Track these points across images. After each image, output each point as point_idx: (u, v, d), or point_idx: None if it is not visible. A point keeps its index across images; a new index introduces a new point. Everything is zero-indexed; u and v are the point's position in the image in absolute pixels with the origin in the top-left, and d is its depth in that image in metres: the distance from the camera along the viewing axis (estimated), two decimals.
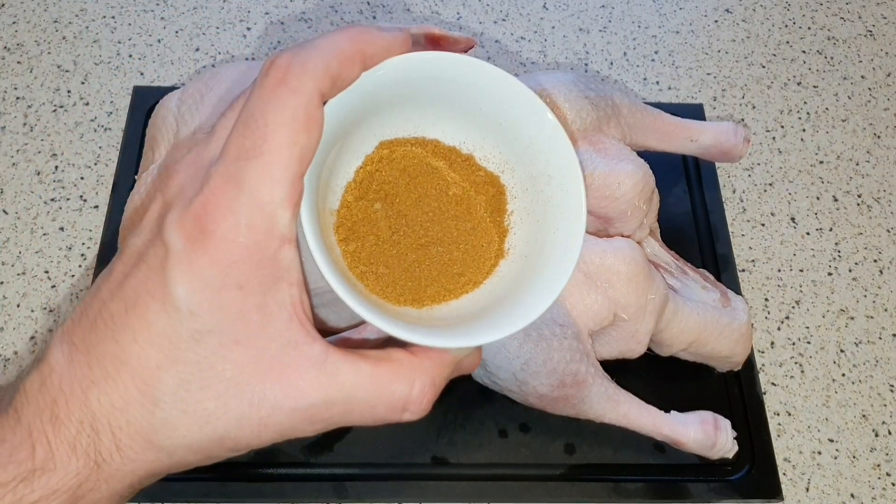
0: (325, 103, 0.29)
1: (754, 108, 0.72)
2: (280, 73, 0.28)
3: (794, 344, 0.60)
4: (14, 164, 0.64)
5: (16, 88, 0.68)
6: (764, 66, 0.74)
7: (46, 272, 0.59)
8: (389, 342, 0.31)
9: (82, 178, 0.63)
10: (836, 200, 0.67)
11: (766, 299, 0.61)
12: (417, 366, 0.30)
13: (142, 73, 0.69)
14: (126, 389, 0.27)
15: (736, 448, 0.50)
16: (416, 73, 0.31)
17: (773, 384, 0.58)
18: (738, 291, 0.58)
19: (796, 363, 0.59)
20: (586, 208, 0.32)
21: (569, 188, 0.32)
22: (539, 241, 0.32)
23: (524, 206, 0.33)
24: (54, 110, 0.67)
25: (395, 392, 0.29)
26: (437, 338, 0.29)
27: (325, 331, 0.37)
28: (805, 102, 0.72)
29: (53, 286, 0.59)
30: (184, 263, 0.27)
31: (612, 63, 0.73)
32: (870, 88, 0.73)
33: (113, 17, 0.73)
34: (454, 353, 0.30)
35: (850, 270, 0.63)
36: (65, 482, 0.27)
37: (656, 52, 0.74)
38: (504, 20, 0.75)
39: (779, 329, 0.60)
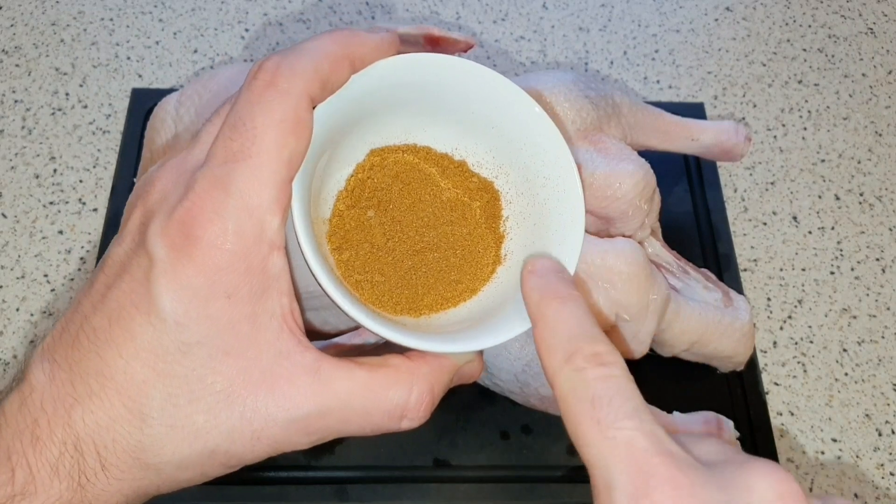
0: (314, 107, 0.28)
1: (755, 106, 0.71)
2: (268, 76, 0.27)
3: (796, 343, 0.60)
4: (13, 167, 0.64)
5: (14, 91, 0.68)
6: (765, 65, 0.74)
7: (46, 276, 0.59)
8: (386, 349, 0.30)
9: (81, 181, 0.63)
10: (837, 199, 0.67)
11: (769, 299, 0.61)
12: (415, 371, 0.29)
13: (140, 76, 0.69)
14: (111, 406, 0.26)
15: None
16: (405, 76, 0.30)
17: (776, 384, 0.58)
18: (740, 291, 0.57)
19: (799, 363, 0.59)
20: (584, 209, 0.31)
21: (566, 189, 0.32)
22: (537, 245, 0.32)
23: (520, 210, 0.33)
24: (53, 113, 0.67)
25: (392, 399, 0.28)
26: (434, 342, 0.28)
27: (321, 334, 0.36)
28: (806, 101, 0.72)
29: (53, 290, 0.58)
30: (169, 273, 0.26)
31: (612, 62, 0.73)
32: (871, 86, 0.73)
33: (111, 20, 0.72)
34: (453, 359, 0.30)
35: (852, 269, 0.63)
36: None
37: (657, 51, 0.74)
38: (503, 20, 0.75)
39: (781, 329, 0.60)
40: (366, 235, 0.31)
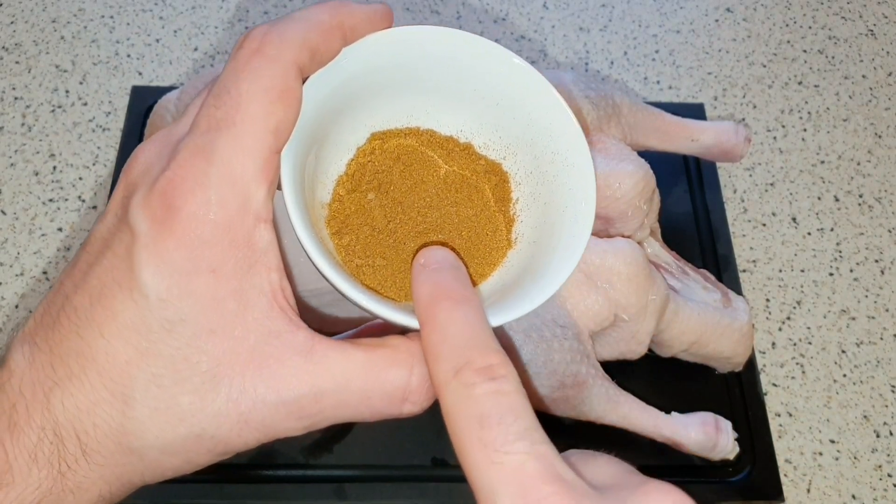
0: (305, 80, 0.27)
1: (755, 107, 0.71)
2: (255, 44, 0.26)
3: (795, 344, 0.60)
4: (12, 164, 0.64)
5: (14, 88, 0.68)
6: (765, 66, 0.74)
7: (45, 273, 0.59)
8: (388, 333, 0.29)
9: (81, 179, 0.63)
10: (837, 200, 0.67)
11: (768, 300, 0.61)
12: (416, 351, 0.27)
13: (140, 73, 0.69)
14: (93, 389, 0.25)
15: (737, 449, 0.50)
16: (401, 50, 0.29)
17: (775, 385, 0.58)
18: (739, 292, 0.57)
19: (797, 364, 0.59)
20: (596, 182, 0.30)
21: (575, 162, 0.30)
22: (548, 223, 0.30)
23: (530, 191, 0.31)
24: (52, 110, 0.67)
25: (393, 380, 0.27)
26: None
27: (330, 333, 0.35)
28: (806, 102, 0.72)
29: (52, 287, 0.58)
30: (150, 247, 0.25)
31: (612, 62, 0.73)
32: (871, 88, 0.73)
33: (111, 17, 0.72)
34: None
35: (851, 271, 0.63)
36: (25, 496, 0.25)
37: (657, 52, 0.74)
38: (504, 19, 0.75)
39: (780, 330, 0.60)
40: (366, 219, 0.30)
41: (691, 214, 0.62)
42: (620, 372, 0.50)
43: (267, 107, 0.26)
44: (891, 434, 0.56)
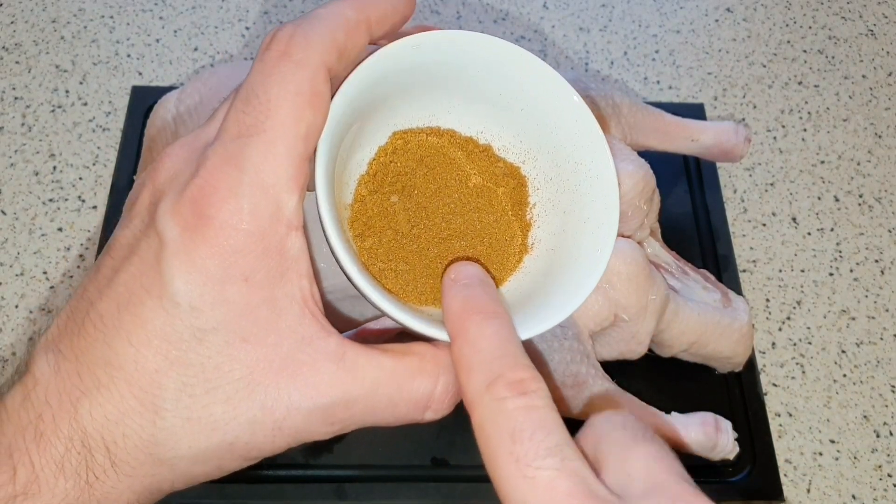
0: (331, 79, 0.27)
1: (755, 107, 0.71)
2: (282, 46, 0.26)
3: (795, 345, 0.60)
4: (12, 164, 0.64)
5: (14, 88, 0.68)
6: (765, 66, 0.74)
7: (45, 273, 0.59)
8: (408, 336, 0.29)
9: (81, 179, 0.63)
10: (837, 200, 0.67)
11: (768, 300, 0.61)
12: (441, 361, 0.27)
13: (140, 73, 0.69)
14: (122, 399, 0.25)
15: (737, 449, 0.50)
16: (427, 54, 0.29)
17: (775, 385, 0.58)
18: (739, 292, 0.57)
19: (797, 364, 0.59)
20: (619, 195, 0.30)
21: (599, 174, 0.30)
22: (568, 232, 0.30)
23: (548, 196, 0.31)
24: (52, 110, 0.67)
25: (419, 389, 0.27)
26: None
27: (354, 324, 0.35)
28: (806, 102, 0.72)
29: (52, 287, 0.58)
30: (181, 254, 0.25)
31: (612, 62, 0.73)
32: (871, 88, 0.73)
33: (111, 17, 0.72)
34: None
35: (851, 271, 0.63)
36: None
37: (657, 52, 0.74)
38: (504, 19, 0.75)
39: (780, 330, 0.60)
40: (389, 222, 0.30)
41: (691, 214, 0.62)
42: (620, 372, 0.50)
43: (297, 112, 0.25)
44: (891, 434, 0.56)
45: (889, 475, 0.55)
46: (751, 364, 0.55)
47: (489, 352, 0.26)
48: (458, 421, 0.52)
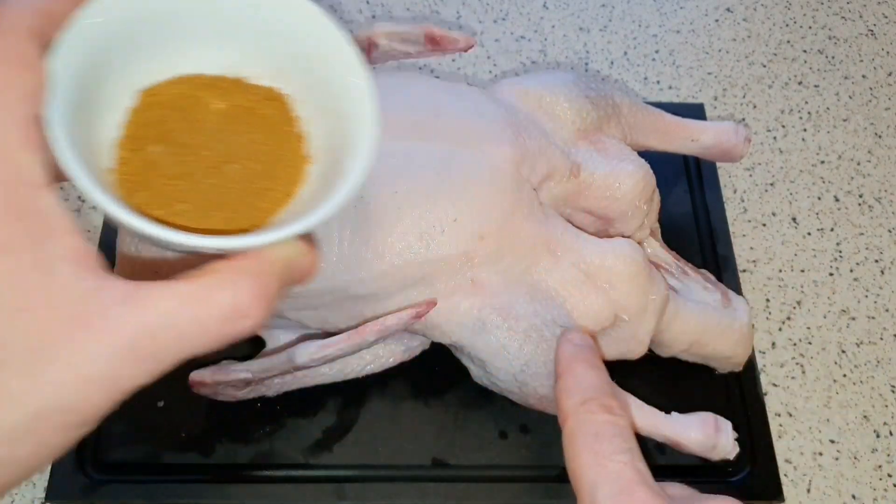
0: (48, 41, 0.27)
1: (755, 107, 0.71)
2: None
3: (795, 345, 0.60)
4: None
5: None
6: (765, 66, 0.74)
7: None
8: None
9: None
10: (837, 200, 0.67)
11: (767, 300, 0.61)
12: (237, 268, 0.27)
13: None
14: None
15: (737, 449, 0.50)
16: (144, 2, 0.30)
17: (774, 385, 0.58)
18: (738, 292, 0.57)
19: (797, 364, 0.59)
20: (372, 84, 0.31)
21: (347, 62, 0.31)
22: (339, 129, 0.31)
23: (314, 105, 0.32)
24: None
25: (222, 300, 0.26)
26: (244, 239, 0.27)
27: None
28: (806, 102, 0.72)
29: None
30: None
31: (612, 62, 0.73)
32: (871, 88, 0.73)
33: None
34: (277, 252, 0.28)
35: (851, 271, 0.63)
36: None
37: (657, 52, 0.74)
38: (504, 19, 0.75)
39: (780, 330, 0.60)
40: (157, 171, 0.30)
41: (691, 214, 0.62)
42: (620, 372, 0.50)
43: (8, 76, 0.25)
44: (891, 434, 0.56)
45: (889, 475, 0.55)
46: (751, 364, 0.55)
47: (587, 385, 0.36)
48: (458, 422, 0.53)
